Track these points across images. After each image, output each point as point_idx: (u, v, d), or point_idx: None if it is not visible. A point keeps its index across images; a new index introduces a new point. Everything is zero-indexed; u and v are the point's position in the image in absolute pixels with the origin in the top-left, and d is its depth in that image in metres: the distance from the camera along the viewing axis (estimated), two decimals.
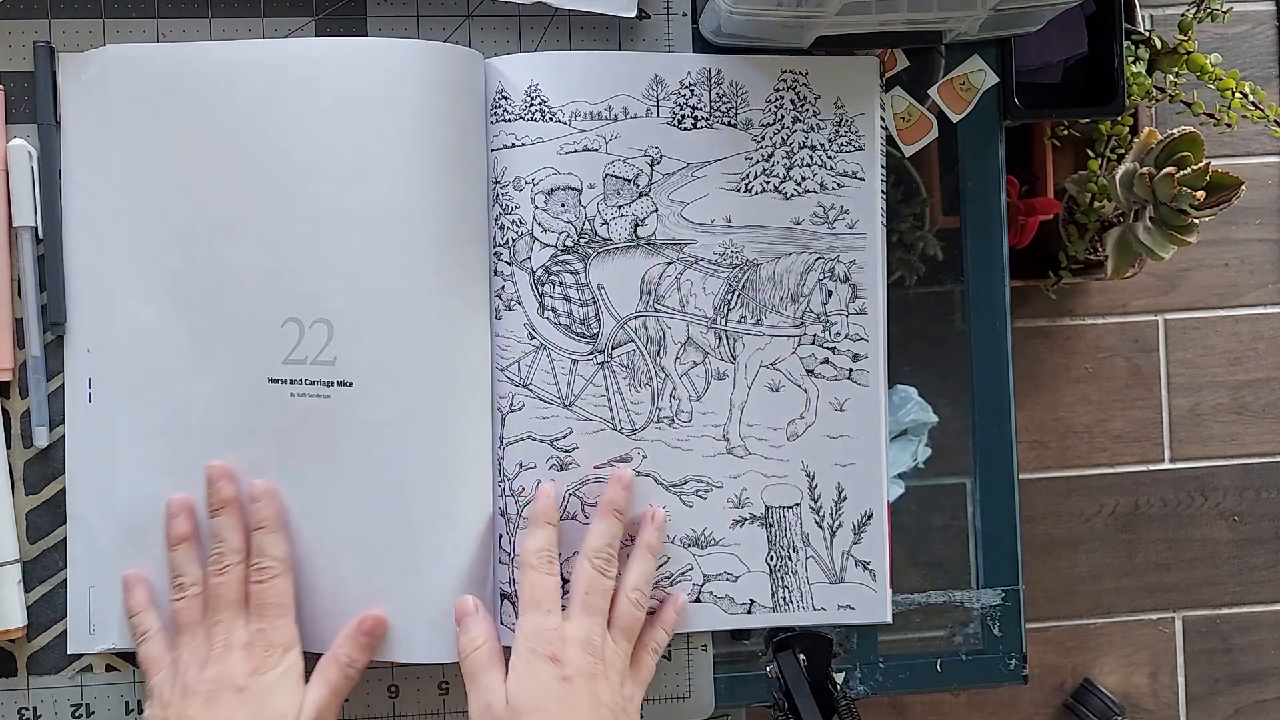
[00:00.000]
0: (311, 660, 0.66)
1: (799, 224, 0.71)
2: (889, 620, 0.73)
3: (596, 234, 0.70)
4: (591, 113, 0.70)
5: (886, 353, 0.73)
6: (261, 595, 0.64)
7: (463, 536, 0.68)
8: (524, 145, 0.69)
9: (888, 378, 0.73)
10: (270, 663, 0.63)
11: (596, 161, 0.70)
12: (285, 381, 0.66)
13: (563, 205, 0.69)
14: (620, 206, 0.70)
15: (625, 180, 0.70)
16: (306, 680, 0.64)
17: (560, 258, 0.70)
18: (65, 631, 0.69)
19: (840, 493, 0.72)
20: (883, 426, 0.72)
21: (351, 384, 0.66)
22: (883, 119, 0.74)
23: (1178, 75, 1.15)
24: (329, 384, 0.66)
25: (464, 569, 0.68)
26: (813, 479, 0.72)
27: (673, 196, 0.70)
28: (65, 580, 0.69)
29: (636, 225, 0.70)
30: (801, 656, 0.72)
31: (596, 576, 0.66)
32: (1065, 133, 1.26)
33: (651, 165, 0.70)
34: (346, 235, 0.66)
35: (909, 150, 0.75)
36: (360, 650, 0.66)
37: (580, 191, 0.70)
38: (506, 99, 0.69)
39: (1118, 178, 0.95)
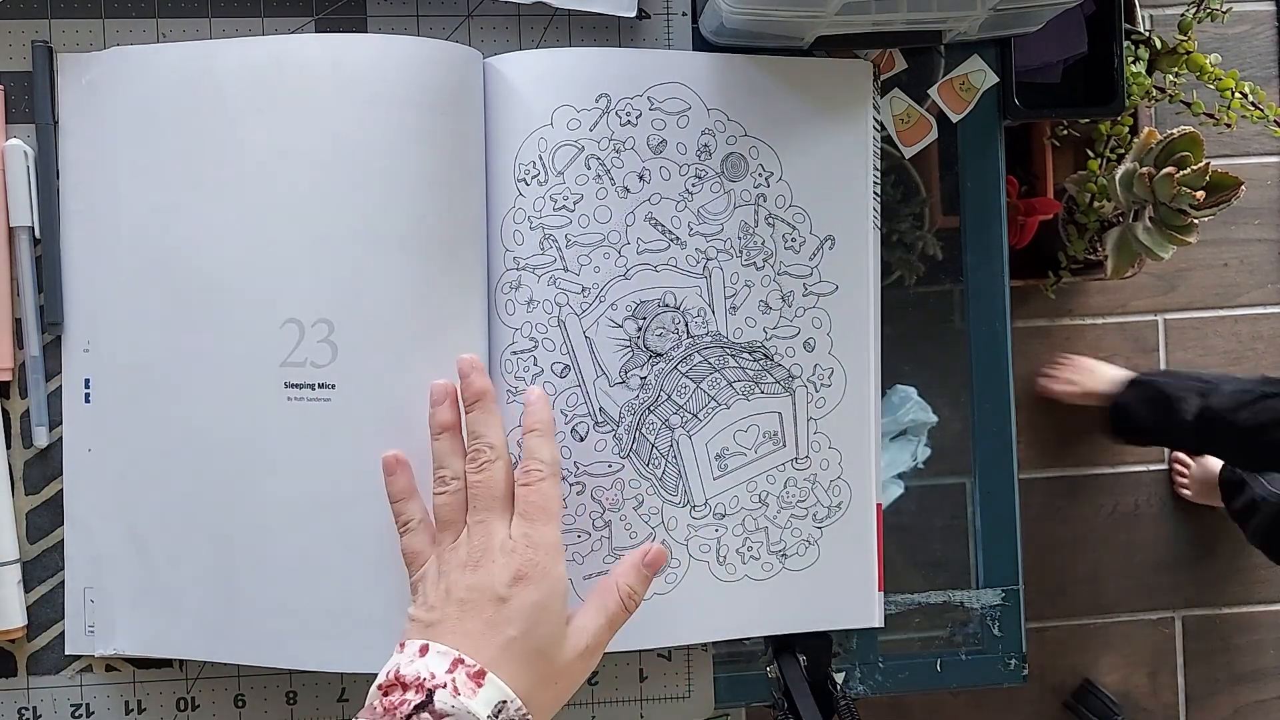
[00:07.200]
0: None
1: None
2: (879, 624, 0.72)
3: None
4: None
5: (879, 350, 0.72)
6: (527, 497, 0.61)
7: None
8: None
9: (879, 377, 0.73)
10: (535, 571, 0.59)
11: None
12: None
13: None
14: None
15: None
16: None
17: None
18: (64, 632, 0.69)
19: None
20: (873, 430, 0.72)
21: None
22: (880, 126, 0.74)
23: (1177, 75, 1.15)
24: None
25: None
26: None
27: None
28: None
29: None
30: (801, 656, 0.72)
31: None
32: (1065, 133, 1.26)
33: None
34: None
35: (908, 152, 0.75)
36: (641, 582, 0.63)
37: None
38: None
39: (1118, 178, 0.95)
